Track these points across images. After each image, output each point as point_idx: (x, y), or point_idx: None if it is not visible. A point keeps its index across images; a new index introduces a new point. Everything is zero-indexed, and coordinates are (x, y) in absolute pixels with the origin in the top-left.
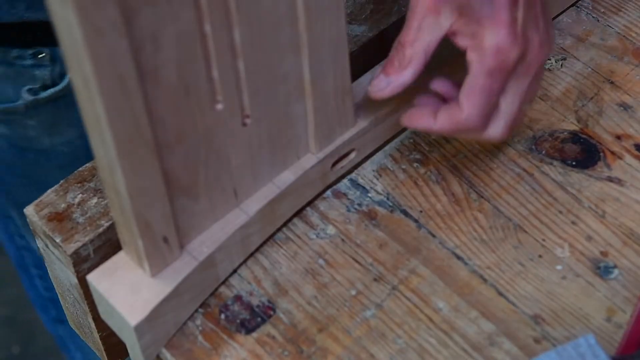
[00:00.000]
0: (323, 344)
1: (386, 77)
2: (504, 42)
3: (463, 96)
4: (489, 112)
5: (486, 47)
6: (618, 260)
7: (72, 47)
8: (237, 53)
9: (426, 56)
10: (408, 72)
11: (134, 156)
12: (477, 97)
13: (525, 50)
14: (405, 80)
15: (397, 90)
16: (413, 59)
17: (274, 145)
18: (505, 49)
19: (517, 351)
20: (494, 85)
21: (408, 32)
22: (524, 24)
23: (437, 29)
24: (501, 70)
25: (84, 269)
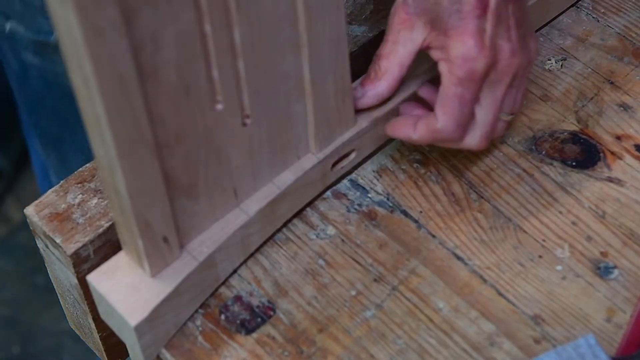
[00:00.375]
0: (323, 345)
1: (362, 87)
2: (470, 51)
3: (437, 107)
4: (464, 122)
5: (453, 57)
6: (618, 260)
7: (72, 47)
8: (237, 53)
9: (401, 69)
10: (382, 83)
11: (134, 156)
12: (449, 107)
13: (495, 59)
14: (379, 92)
15: (372, 101)
16: (387, 71)
17: (274, 145)
18: (472, 58)
19: (517, 351)
20: (465, 95)
21: (384, 46)
22: (493, 34)
23: (411, 42)
24: (470, 79)
25: (84, 269)
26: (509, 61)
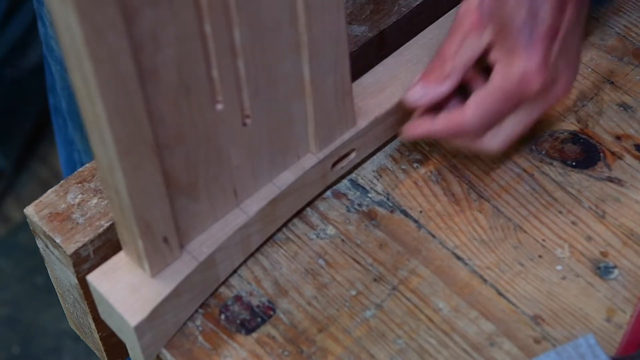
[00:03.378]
0: (323, 344)
1: (424, 87)
2: (531, 72)
3: (472, 101)
4: (491, 125)
5: (513, 70)
6: (618, 260)
7: (72, 47)
8: (237, 53)
9: (465, 70)
10: (446, 84)
11: (134, 156)
12: (486, 108)
13: (551, 84)
14: (442, 92)
15: (433, 101)
16: (453, 73)
17: (274, 145)
18: (530, 80)
19: (517, 351)
20: (506, 105)
21: (451, 45)
22: (556, 60)
23: (478, 46)
24: (519, 96)
25: (84, 269)
26: (562, 89)
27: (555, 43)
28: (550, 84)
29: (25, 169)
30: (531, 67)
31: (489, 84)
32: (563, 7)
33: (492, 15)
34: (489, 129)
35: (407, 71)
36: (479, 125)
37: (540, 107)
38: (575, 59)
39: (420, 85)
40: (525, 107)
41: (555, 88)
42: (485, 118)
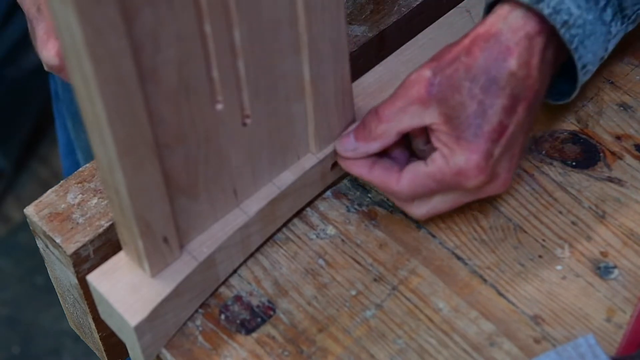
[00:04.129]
0: (323, 344)
1: (355, 141)
2: (469, 169)
3: (407, 175)
4: (419, 198)
5: (453, 162)
6: (618, 260)
7: (72, 47)
8: (237, 53)
9: (397, 137)
10: (376, 144)
11: (134, 156)
12: (417, 187)
13: (487, 183)
14: (371, 151)
15: (361, 157)
16: (384, 136)
17: (274, 145)
18: (468, 176)
19: (517, 351)
20: (437, 190)
21: (390, 108)
22: (498, 160)
23: (419, 119)
24: (452, 186)
25: (84, 269)
26: (497, 188)
27: (501, 142)
28: (488, 181)
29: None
30: (471, 164)
31: (427, 166)
32: (514, 108)
33: (442, 99)
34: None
35: (407, 71)
36: (407, 197)
37: (474, 196)
38: (518, 157)
39: (352, 139)
40: (459, 193)
41: (492, 185)
42: (416, 194)
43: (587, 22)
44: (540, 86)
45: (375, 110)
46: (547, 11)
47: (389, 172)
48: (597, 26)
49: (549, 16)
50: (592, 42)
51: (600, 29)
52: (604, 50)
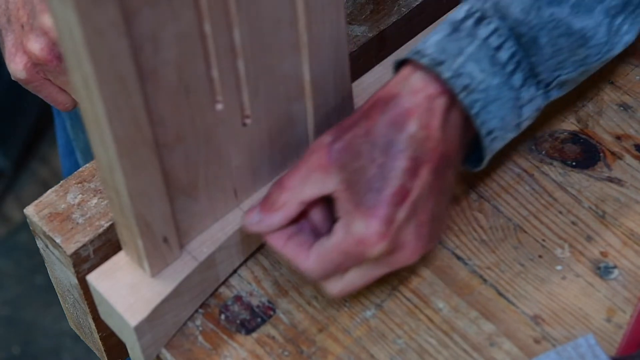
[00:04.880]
0: (323, 344)
1: (260, 214)
2: (370, 236)
3: (314, 252)
4: (333, 274)
5: (353, 231)
6: (618, 260)
7: (72, 47)
8: (237, 53)
9: (300, 207)
10: (278, 215)
11: (134, 156)
12: (325, 263)
13: (394, 250)
14: (274, 223)
15: (267, 230)
16: (286, 206)
17: (274, 145)
18: (369, 243)
19: (517, 351)
20: (346, 264)
21: (292, 177)
22: (402, 226)
23: (320, 187)
24: (358, 257)
25: (84, 269)
26: (406, 257)
27: (403, 206)
28: (393, 249)
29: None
30: (371, 230)
31: (330, 239)
32: (416, 171)
33: (342, 165)
34: (332, 276)
35: None
36: (318, 275)
37: (385, 267)
38: (429, 224)
39: (257, 211)
40: (369, 265)
41: (400, 253)
42: (326, 270)
43: (491, 86)
44: (445, 149)
45: (279, 180)
46: (447, 74)
47: (301, 248)
48: (503, 91)
49: (448, 80)
50: (497, 107)
51: (507, 94)
52: (517, 116)
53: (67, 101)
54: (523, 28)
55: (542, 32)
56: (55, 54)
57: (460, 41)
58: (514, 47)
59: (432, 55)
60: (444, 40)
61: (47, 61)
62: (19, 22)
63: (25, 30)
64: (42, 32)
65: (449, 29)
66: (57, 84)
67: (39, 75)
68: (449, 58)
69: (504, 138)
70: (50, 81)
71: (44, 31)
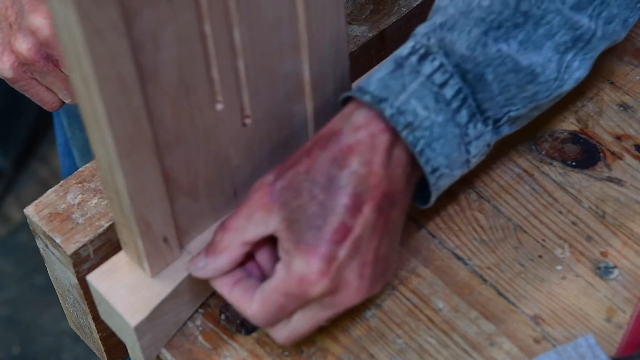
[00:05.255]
0: (323, 344)
1: (205, 257)
2: (310, 275)
3: (257, 296)
4: (279, 319)
5: (292, 271)
6: (618, 260)
7: (72, 47)
8: (237, 53)
9: (243, 248)
10: (223, 257)
11: (134, 156)
12: (268, 307)
13: (336, 289)
14: (219, 266)
15: (213, 275)
16: (230, 247)
17: (274, 145)
18: (310, 282)
19: (517, 351)
20: (288, 306)
21: (235, 218)
22: (344, 264)
23: (264, 227)
24: (300, 297)
25: (84, 269)
26: (350, 296)
27: (345, 244)
28: (335, 288)
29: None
30: (312, 268)
31: (271, 281)
32: (358, 208)
33: (283, 203)
34: (278, 322)
35: None
36: (262, 320)
37: (329, 308)
38: (373, 264)
39: (203, 255)
40: (314, 307)
41: (343, 293)
42: (269, 315)
43: (435, 124)
44: (388, 187)
45: (222, 223)
46: (389, 112)
47: (246, 293)
48: (448, 128)
49: (390, 117)
50: (442, 144)
51: (452, 131)
52: (465, 152)
53: (53, 101)
54: (469, 64)
55: (489, 69)
56: (42, 54)
57: (403, 78)
58: (459, 84)
59: (374, 92)
60: (387, 77)
61: (34, 61)
62: (7, 21)
63: (14, 29)
64: (29, 32)
65: (392, 65)
66: (44, 84)
67: (26, 74)
68: (391, 95)
69: (452, 175)
70: (37, 81)
71: (31, 31)
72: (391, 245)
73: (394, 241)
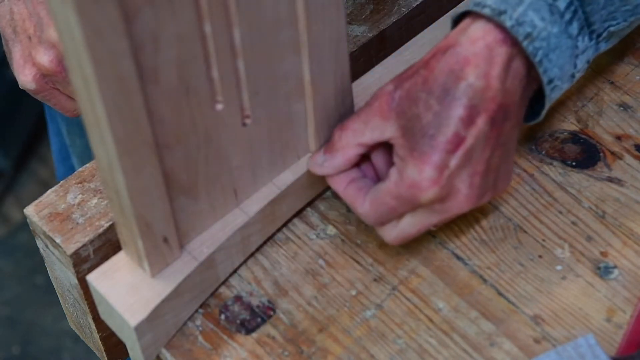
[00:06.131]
0: (323, 344)
1: (323, 155)
2: (422, 182)
3: (369, 197)
4: (387, 222)
5: (405, 176)
6: (618, 260)
7: (72, 47)
8: (237, 53)
9: (359, 149)
10: (339, 156)
11: (134, 156)
12: (379, 208)
13: (445, 196)
14: (336, 164)
15: (330, 172)
16: (346, 147)
17: (274, 145)
18: (421, 188)
19: (517, 351)
20: (399, 209)
21: (353, 120)
22: (455, 173)
23: (379, 132)
24: (411, 201)
25: (84, 269)
26: (459, 204)
27: (457, 154)
28: (445, 196)
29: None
30: (424, 175)
31: (384, 184)
32: (472, 120)
33: (400, 112)
34: (388, 222)
35: None
36: (373, 220)
37: (439, 214)
38: (483, 175)
39: (321, 153)
40: (424, 212)
41: (452, 201)
42: (379, 215)
43: (551, 35)
44: (504, 99)
45: (341, 123)
46: (509, 23)
47: (360, 192)
48: (562, 39)
49: (511, 28)
50: (557, 55)
51: (565, 43)
52: (573, 66)
53: (75, 108)
54: None
55: None
56: (63, 66)
57: None
58: None
59: (493, 5)
60: None
61: (56, 72)
62: (25, 34)
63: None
64: (50, 45)
65: None
66: (65, 93)
67: (48, 85)
68: (509, 7)
69: (561, 89)
70: (59, 90)
71: (52, 44)
72: (503, 158)
73: (507, 154)
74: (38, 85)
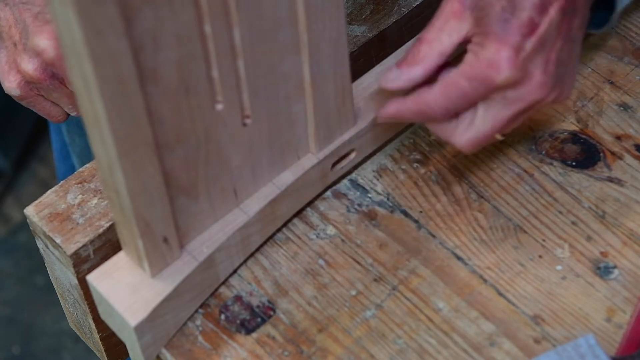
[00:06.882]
0: (323, 344)
1: (398, 69)
2: (499, 61)
3: (441, 81)
4: (456, 111)
5: (482, 55)
6: (618, 260)
7: (72, 47)
8: (237, 53)
9: (440, 57)
10: (418, 69)
11: (134, 156)
12: (449, 91)
13: (520, 81)
14: (413, 77)
15: (405, 85)
16: (426, 57)
17: (273, 145)
18: (497, 67)
19: (517, 351)
20: (470, 93)
21: (430, 30)
22: (530, 57)
23: (457, 33)
24: (485, 82)
25: (84, 269)
26: (533, 90)
27: (531, 39)
28: (520, 79)
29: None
30: (502, 54)
31: (458, 67)
32: (545, 7)
33: (473, 7)
34: (459, 115)
35: None
36: (445, 105)
37: (512, 104)
38: (555, 62)
39: (394, 68)
40: (497, 100)
41: (527, 86)
42: (452, 98)
43: None
44: None
45: (418, 38)
46: None
47: (421, 91)
48: None
49: None
50: None
51: None
52: None
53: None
54: None
55: None
56: (48, 74)
57: None
58: None
59: None
60: None
61: (41, 80)
62: (11, 40)
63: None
64: (34, 53)
65: None
66: (50, 99)
67: (33, 92)
68: None
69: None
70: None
71: (37, 52)
72: (571, 57)
73: (574, 54)
74: (23, 92)
